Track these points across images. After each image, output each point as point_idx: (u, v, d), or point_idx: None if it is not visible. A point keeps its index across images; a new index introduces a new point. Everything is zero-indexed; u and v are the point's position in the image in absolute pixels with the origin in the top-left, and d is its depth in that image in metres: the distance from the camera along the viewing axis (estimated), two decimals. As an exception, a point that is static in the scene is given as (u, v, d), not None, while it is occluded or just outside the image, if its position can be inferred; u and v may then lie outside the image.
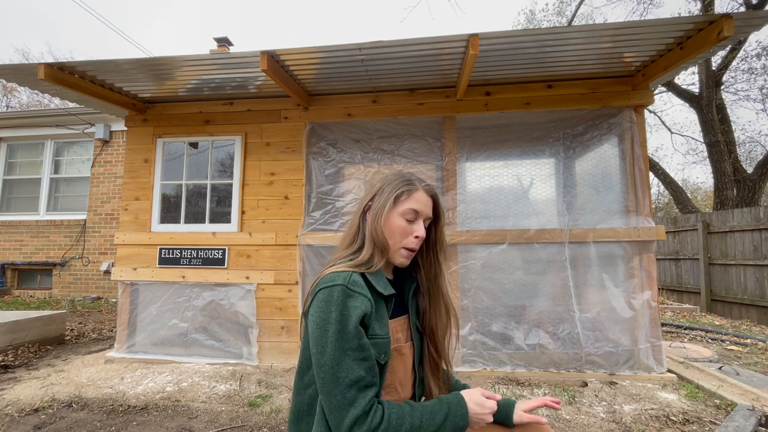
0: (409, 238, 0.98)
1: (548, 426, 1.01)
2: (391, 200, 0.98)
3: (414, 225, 0.99)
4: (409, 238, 0.98)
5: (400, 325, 1.01)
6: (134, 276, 3.66)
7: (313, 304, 0.87)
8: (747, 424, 2.10)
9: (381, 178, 1.06)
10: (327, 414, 0.81)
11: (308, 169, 3.60)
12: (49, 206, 7.37)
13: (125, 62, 3.04)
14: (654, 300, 3.13)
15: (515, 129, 3.55)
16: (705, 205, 17.44)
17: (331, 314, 0.82)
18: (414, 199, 0.99)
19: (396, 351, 0.96)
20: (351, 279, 0.87)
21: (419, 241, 0.99)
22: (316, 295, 0.87)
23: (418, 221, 0.99)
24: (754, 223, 5.79)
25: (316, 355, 0.82)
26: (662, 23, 2.62)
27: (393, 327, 0.97)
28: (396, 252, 0.98)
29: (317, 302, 0.85)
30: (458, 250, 3.33)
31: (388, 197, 0.99)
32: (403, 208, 0.98)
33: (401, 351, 0.98)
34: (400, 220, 0.98)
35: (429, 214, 1.02)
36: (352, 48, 2.81)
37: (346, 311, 0.83)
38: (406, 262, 1.00)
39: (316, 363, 0.82)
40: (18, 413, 2.55)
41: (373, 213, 0.99)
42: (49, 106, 15.56)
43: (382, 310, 0.93)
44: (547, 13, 13.42)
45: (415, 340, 1.04)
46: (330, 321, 0.82)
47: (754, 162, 12.09)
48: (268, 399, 2.76)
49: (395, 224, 0.97)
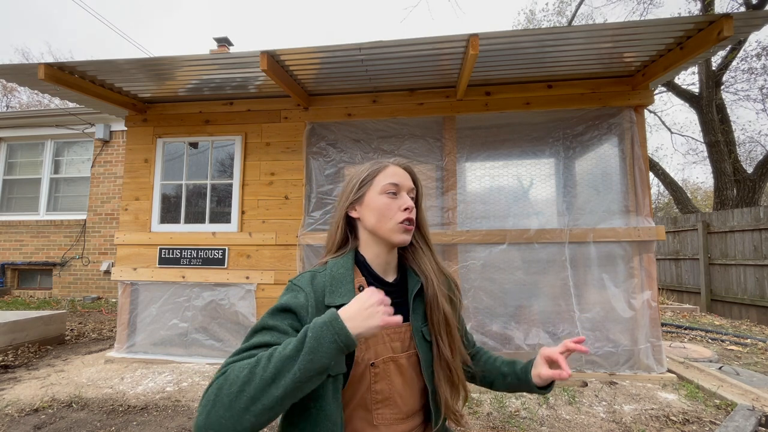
0: (398, 213, 0.93)
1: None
2: (367, 183, 0.95)
3: (398, 199, 0.94)
4: (398, 213, 0.93)
5: (397, 334, 0.92)
6: (134, 276, 3.66)
7: None
8: (747, 424, 2.10)
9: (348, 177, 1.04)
10: None
11: (308, 169, 3.60)
12: (49, 206, 7.37)
13: (125, 62, 3.04)
14: (654, 300, 3.13)
15: (515, 129, 3.55)
16: (705, 205, 17.44)
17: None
18: (388, 174, 0.95)
19: (391, 360, 0.89)
20: (300, 276, 0.90)
21: (410, 212, 0.94)
22: None
23: (401, 194, 0.95)
24: (754, 223, 5.79)
25: None
26: (662, 23, 2.62)
27: (384, 335, 0.89)
28: (392, 231, 0.92)
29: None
30: (458, 250, 3.33)
31: (363, 182, 0.96)
32: (382, 184, 0.95)
33: (397, 361, 0.90)
34: (382, 198, 0.94)
35: (410, 184, 0.97)
36: (352, 48, 2.81)
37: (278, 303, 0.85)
38: (407, 237, 0.94)
39: None
40: (18, 413, 2.55)
41: (341, 204, 0.99)
42: (49, 106, 15.56)
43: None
44: (547, 13, 13.43)
45: (420, 348, 0.92)
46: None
47: (754, 162, 12.08)
48: (268, 399, 2.76)
49: (377, 203, 0.93)
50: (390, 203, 0.94)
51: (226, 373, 0.67)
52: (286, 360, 0.66)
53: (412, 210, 0.95)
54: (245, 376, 0.65)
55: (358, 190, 0.96)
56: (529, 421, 2.45)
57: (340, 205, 0.99)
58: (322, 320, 0.71)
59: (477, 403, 2.67)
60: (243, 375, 0.66)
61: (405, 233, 0.94)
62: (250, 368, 0.66)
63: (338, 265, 0.92)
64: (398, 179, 0.95)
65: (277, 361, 0.66)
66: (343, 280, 0.89)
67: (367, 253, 0.96)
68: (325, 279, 0.89)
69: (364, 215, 0.96)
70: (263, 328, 0.79)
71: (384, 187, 0.94)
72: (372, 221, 0.94)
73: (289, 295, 0.85)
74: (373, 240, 0.96)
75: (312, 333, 0.69)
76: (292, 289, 0.87)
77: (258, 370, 0.66)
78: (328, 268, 0.92)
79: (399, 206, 0.94)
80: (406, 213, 0.93)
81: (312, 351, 0.66)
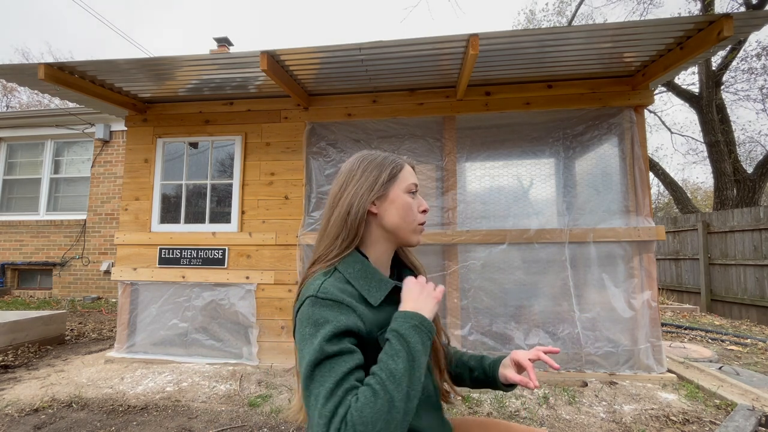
0: (418, 214, 0.93)
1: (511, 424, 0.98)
2: (393, 179, 0.91)
3: (417, 200, 0.94)
4: (418, 214, 0.93)
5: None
6: (134, 276, 3.66)
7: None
8: (747, 424, 2.10)
9: (351, 165, 0.93)
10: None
11: (308, 169, 3.60)
12: (49, 206, 7.37)
13: (125, 62, 3.04)
14: (654, 300, 3.13)
15: (515, 129, 3.55)
16: (705, 205, 17.44)
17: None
18: (409, 173, 0.94)
19: None
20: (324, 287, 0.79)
21: (426, 215, 0.95)
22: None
23: (417, 195, 0.95)
24: (754, 223, 5.79)
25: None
26: (662, 23, 2.62)
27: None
28: (412, 232, 0.92)
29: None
30: (458, 250, 3.33)
31: (390, 177, 0.91)
32: (407, 183, 0.92)
33: None
34: (407, 197, 0.91)
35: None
36: (352, 48, 2.81)
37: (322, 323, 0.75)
38: (421, 239, 0.95)
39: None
40: (18, 413, 2.55)
41: (359, 198, 0.89)
42: (49, 106, 15.56)
43: (384, 309, 0.85)
44: (547, 13, 13.44)
45: None
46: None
47: (754, 162, 12.09)
48: (268, 399, 2.76)
49: (403, 202, 0.90)
50: (413, 204, 0.92)
51: (353, 419, 0.62)
52: (406, 373, 0.68)
53: (428, 212, 0.96)
54: (385, 411, 0.63)
55: (386, 185, 0.90)
56: (529, 421, 2.45)
57: (356, 198, 0.88)
58: (408, 325, 0.74)
59: (477, 403, 2.67)
60: (381, 412, 0.63)
61: (420, 234, 0.95)
62: (385, 407, 0.64)
63: (347, 265, 0.85)
64: (416, 180, 0.96)
65: (402, 379, 0.67)
66: (367, 272, 0.85)
67: (373, 252, 0.91)
68: (348, 284, 0.82)
69: (386, 212, 0.90)
70: (334, 356, 0.70)
71: (408, 186, 0.93)
72: (395, 220, 0.90)
73: (337, 313, 0.75)
74: (385, 238, 0.92)
75: (410, 339, 0.72)
76: (332, 307, 0.75)
77: (392, 401, 0.64)
78: (340, 274, 0.83)
79: (418, 207, 0.94)
80: (423, 216, 0.94)
81: (418, 354, 0.71)
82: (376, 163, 0.92)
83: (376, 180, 0.90)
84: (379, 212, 0.90)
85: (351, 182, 0.90)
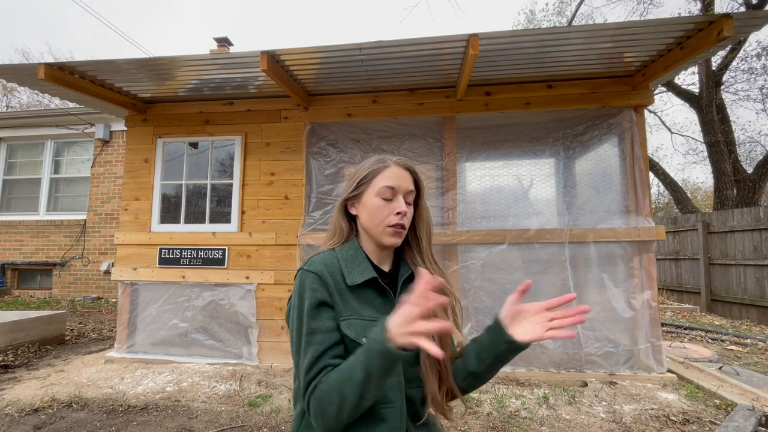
0: (390, 216, 0.94)
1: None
2: (365, 183, 0.96)
3: (393, 203, 0.94)
4: (390, 216, 0.94)
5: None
6: (134, 276, 3.66)
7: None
8: (747, 424, 2.10)
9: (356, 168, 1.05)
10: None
11: (308, 169, 3.60)
12: (49, 206, 7.37)
13: (125, 62, 3.04)
14: (654, 300, 3.13)
15: (515, 129, 3.55)
16: (705, 205, 17.44)
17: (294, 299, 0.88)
18: (387, 176, 0.95)
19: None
20: (311, 260, 0.90)
21: (402, 217, 0.94)
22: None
23: (397, 198, 0.95)
24: (754, 223, 5.79)
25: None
26: (662, 23, 2.62)
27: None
28: (382, 234, 0.95)
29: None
30: (458, 250, 3.33)
31: (362, 181, 0.97)
32: (378, 187, 0.95)
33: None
34: (377, 200, 0.94)
35: (409, 187, 0.97)
36: (352, 48, 2.81)
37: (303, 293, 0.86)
38: (396, 240, 0.95)
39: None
40: (18, 413, 2.55)
41: (343, 198, 1.00)
42: (49, 106, 15.56)
43: (364, 293, 0.91)
44: (547, 13, 13.43)
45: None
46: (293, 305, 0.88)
47: (754, 162, 12.08)
48: (268, 399, 2.76)
49: (371, 204, 0.95)
50: (383, 206, 0.94)
51: (317, 395, 0.78)
52: (361, 383, 0.75)
53: (405, 215, 0.95)
54: (337, 402, 0.76)
55: (356, 188, 0.98)
56: (529, 421, 2.45)
57: (340, 199, 1.02)
58: (377, 347, 0.74)
59: (477, 403, 2.67)
60: (335, 401, 0.76)
61: (395, 236, 0.95)
62: (337, 398, 0.76)
63: (345, 248, 0.96)
64: (396, 182, 0.95)
65: (356, 386, 0.75)
66: (357, 258, 0.94)
67: (365, 246, 1.00)
68: (337, 261, 0.92)
69: (360, 213, 0.98)
70: (314, 332, 0.83)
71: (380, 190, 0.94)
72: (365, 221, 0.97)
73: (313, 286, 0.87)
74: (367, 236, 0.99)
75: (373, 361, 0.75)
76: (312, 280, 0.87)
77: (345, 397, 0.76)
78: (336, 252, 0.95)
79: (392, 210, 0.94)
80: (398, 218, 0.93)
81: (376, 372, 0.74)
82: (362, 167, 1.00)
83: (352, 183, 0.99)
84: (357, 213, 0.99)
85: (345, 183, 1.02)
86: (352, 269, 0.92)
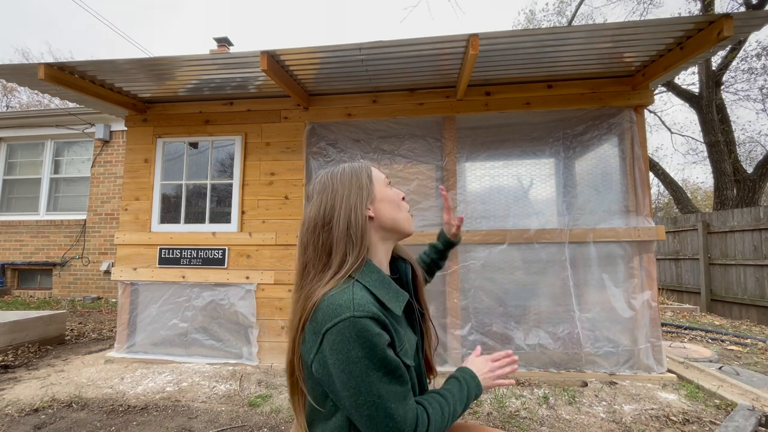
0: (402, 202, 0.96)
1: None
2: (372, 179, 0.92)
3: (395, 190, 0.97)
4: (402, 202, 0.96)
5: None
6: (134, 276, 3.66)
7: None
8: (747, 424, 2.10)
9: (322, 185, 0.90)
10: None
11: (308, 169, 3.60)
12: (49, 206, 7.37)
13: (125, 62, 3.04)
14: (654, 300, 3.13)
15: (515, 129, 3.55)
16: (705, 205, 17.44)
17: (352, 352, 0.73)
18: (376, 169, 0.97)
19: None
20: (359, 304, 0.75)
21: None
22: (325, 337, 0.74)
23: (391, 186, 0.99)
24: (754, 223, 5.78)
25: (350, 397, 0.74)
26: (662, 23, 2.62)
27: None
28: (406, 220, 0.94)
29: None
30: (458, 250, 3.32)
31: (370, 178, 0.91)
32: (382, 178, 0.96)
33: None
34: (388, 189, 0.95)
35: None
36: (352, 48, 2.81)
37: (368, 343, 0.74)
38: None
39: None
40: (18, 413, 2.55)
41: (354, 208, 0.86)
42: (49, 106, 15.56)
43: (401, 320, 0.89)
44: (547, 13, 13.43)
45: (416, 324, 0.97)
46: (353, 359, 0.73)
47: (754, 162, 12.08)
48: (268, 399, 2.76)
49: (391, 194, 0.94)
50: (396, 194, 0.96)
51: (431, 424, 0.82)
52: (456, 416, 0.88)
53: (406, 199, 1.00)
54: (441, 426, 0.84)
55: (370, 185, 0.90)
56: (529, 421, 2.45)
57: (351, 210, 0.85)
58: (474, 392, 0.93)
59: (477, 403, 2.67)
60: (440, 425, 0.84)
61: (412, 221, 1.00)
62: (441, 423, 0.83)
63: (366, 275, 0.83)
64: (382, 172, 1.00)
65: (454, 417, 0.88)
66: (384, 282, 0.84)
67: (376, 257, 0.90)
68: (369, 293, 0.79)
69: (380, 210, 0.90)
70: (398, 380, 0.77)
71: (385, 180, 0.97)
72: (392, 213, 0.91)
73: (377, 331, 0.74)
74: (385, 238, 0.92)
75: (470, 399, 0.92)
76: (373, 326, 0.74)
77: (447, 426, 0.85)
78: (361, 283, 0.80)
79: (400, 196, 0.98)
80: (407, 203, 0.98)
81: (464, 408, 0.91)
82: (347, 174, 0.90)
83: (360, 186, 0.88)
84: (375, 214, 0.89)
85: (336, 199, 0.86)
86: (389, 297, 0.82)
